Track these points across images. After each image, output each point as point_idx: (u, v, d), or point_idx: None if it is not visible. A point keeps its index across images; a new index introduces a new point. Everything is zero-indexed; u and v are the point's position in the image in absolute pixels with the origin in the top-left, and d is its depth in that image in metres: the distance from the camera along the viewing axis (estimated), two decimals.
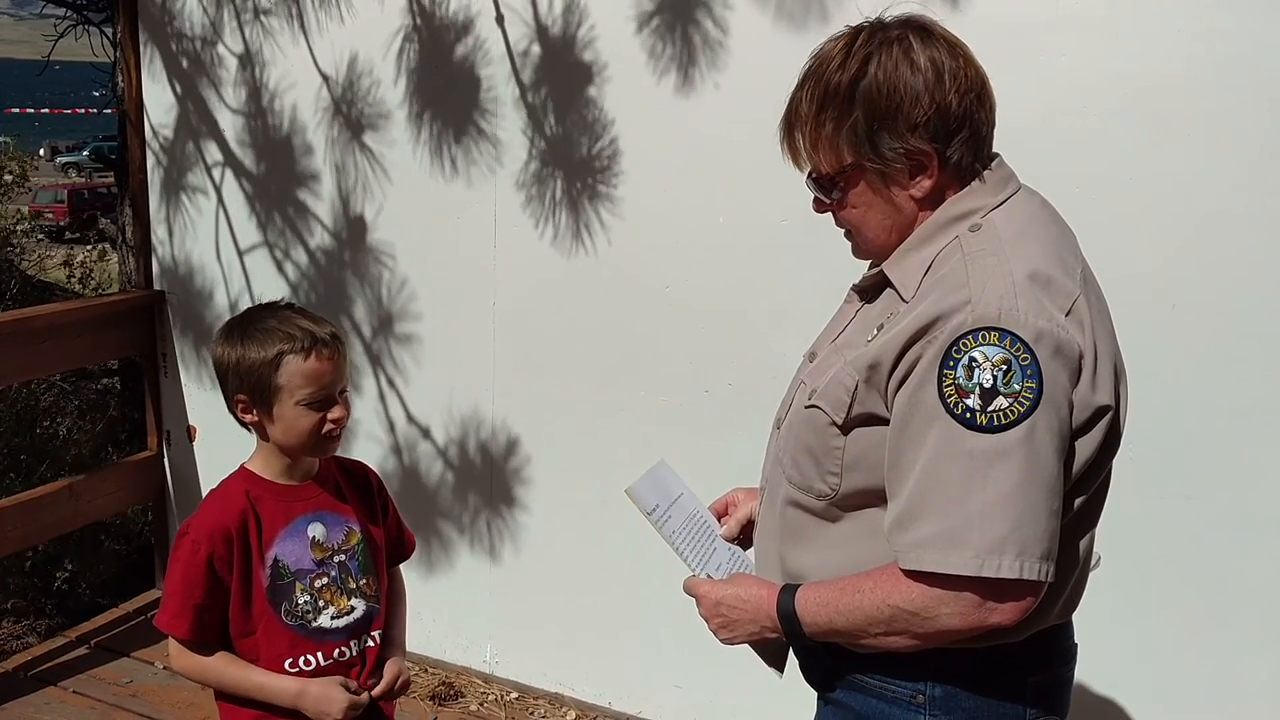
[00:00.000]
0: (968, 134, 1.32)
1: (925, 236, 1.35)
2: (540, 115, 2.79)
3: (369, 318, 3.16)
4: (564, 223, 2.81)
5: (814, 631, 1.36)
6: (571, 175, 2.79)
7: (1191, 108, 2.16)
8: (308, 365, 1.67)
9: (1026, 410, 1.19)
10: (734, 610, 1.43)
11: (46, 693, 3.07)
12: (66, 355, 3.53)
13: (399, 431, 3.19)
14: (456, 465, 3.12)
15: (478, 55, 2.84)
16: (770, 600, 1.39)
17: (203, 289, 3.45)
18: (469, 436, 3.08)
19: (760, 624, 1.41)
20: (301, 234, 3.24)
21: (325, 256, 3.21)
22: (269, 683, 1.71)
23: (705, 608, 1.47)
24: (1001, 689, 1.36)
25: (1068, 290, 1.26)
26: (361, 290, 3.16)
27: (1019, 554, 1.19)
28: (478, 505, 3.11)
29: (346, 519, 1.80)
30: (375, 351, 3.17)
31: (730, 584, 1.47)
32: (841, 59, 1.32)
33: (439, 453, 3.14)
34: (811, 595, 1.36)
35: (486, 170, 2.90)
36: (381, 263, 3.11)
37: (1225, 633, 2.30)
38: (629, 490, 1.57)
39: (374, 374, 3.19)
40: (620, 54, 2.66)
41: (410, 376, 3.14)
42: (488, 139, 2.88)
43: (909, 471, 1.25)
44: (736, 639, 1.46)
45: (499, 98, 2.84)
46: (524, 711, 3.07)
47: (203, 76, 3.29)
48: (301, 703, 1.70)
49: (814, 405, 1.37)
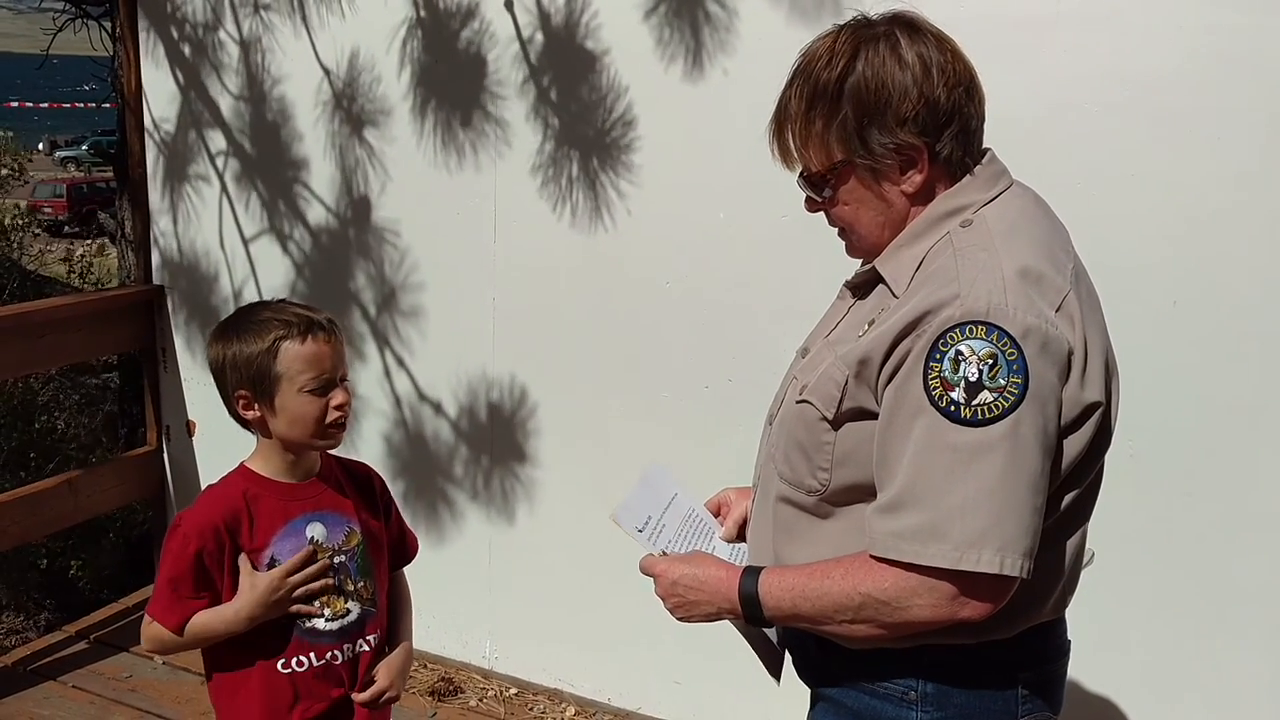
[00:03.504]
0: (957, 128, 1.32)
1: (917, 233, 1.35)
2: (549, 100, 2.78)
3: (374, 298, 3.14)
4: (580, 202, 2.79)
5: (776, 616, 1.36)
6: (586, 153, 2.76)
7: (1194, 104, 2.15)
8: (306, 349, 1.64)
9: (1011, 405, 1.18)
10: (690, 591, 1.42)
11: (46, 687, 3.07)
12: (66, 350, 3.53)
13: (404, 406, 3.19)
14: (456, 464, 3.12)
15: (484, 39, 2.84)
16: (730, 582, 1.38)
17: (206, 278, 3.44)
18: (468, 436, 3.08)
19: (718, 605, 1.40)
20: (305, 219, 3.22)
21: (329, 241, 3.20)
22: (211, 619, 1.65)
23: (661, 587, 1.45)
24: (993, 685, 1.36)
25: (1058, 286, 1.26)
26: (366, 269, 3.14)
27: (999, 549, 1.19)
28: (478, 504, 3.11)
29: (347, 519, 1.77)
30: (380, 328, 3.16)
31: (688, 562, 1.45)
32: (829, 56, 1.33)
33: (436, 451, 3.14)
34: (776, 579, 1.35)
35: (494, 154, 2.88)
36: (386, 241, 3.09)
37: (1225, 631, 2.30)
38: (613, 517, 1.52)
39: (379, 351, 3.17)
40: (627, 40, 2.66)
41: (413, 353, 3.13)
42: (494, 122, 2.87)
43: (894, 465, 1.25)
44: (693, 619, 1.44)
45: (504, 80, 2.83)
46: (523, 707, 3.07)
47: (205, 63, 3.28)
48: (252, 610, 1.64)
49: (805, 400, 1.37)
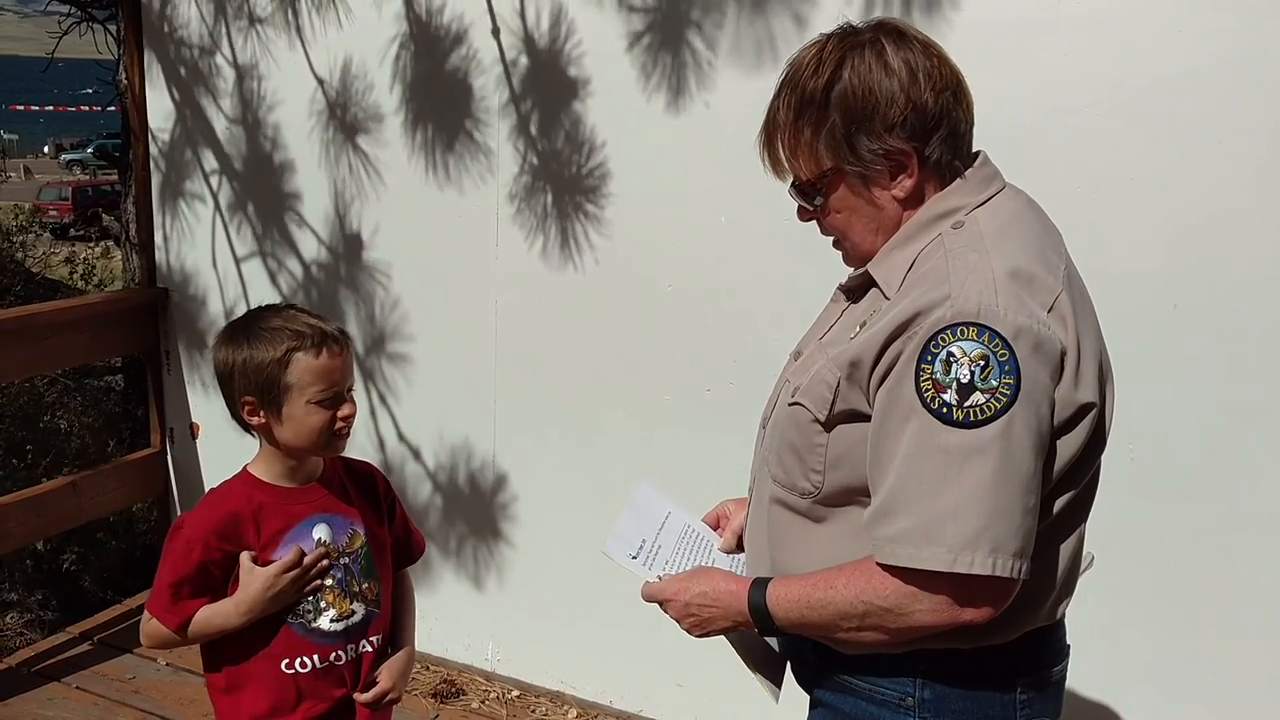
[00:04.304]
0: (945, 132, 1.33)
1: (909, 235, 1.35)
2: (530, 129, 2.80)
3: (364, 332, 3.17)
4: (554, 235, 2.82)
5: (786, 625, 1.37)
6: (560, 190, 2.79)
7: (1193, 107, 2.15)
8: (318, 362, 1.64)
9: (1003, 407, 1.18)
10: (704, 609, 1.43)
11: (50, 688, 3.07)
12: (70, 352, 3.53)
13: (399, 427, 3.20)
14: (459, 463, 3.13)
15: (471, 65, 2.85)
16: (740, 596, 1.39)
17: (210, 281, 3.45)
18: (472, 432, 3.09)
19: (732, 618, 1.42)
20: (296, 241, 3.24)
21: (319, 264, 3.22)
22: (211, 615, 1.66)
23: (674, 610, 1.46)
24: (991, 690, 1.36)
25: (1050, 287, 1.26)
26: (356, 290, 3.16)
27: (992, 551, 1.19)
28: (480, 504, 3.11)
29: (351, 521, 1.77)
30: (370, 367, 3.18)
31: (695, 579, 1.46)
32: (815, 65, 1.33)
33: (441, 448, 3.15)
34: (783, 590, 1.36)
35: (478, 179, 2.90)
36: (376, 276, 3.13)
37: (1224, 633, 2.30)
38: (604, 551, 1.52)
39: (367, 386, 3.20)
40: (609, 71, 2.68)
41: (408, 374, 3.15)
42: (481, 150, 2.88)
43: (887, 466, 1.25)
44: (710, 634, 1.46)
45: (491, 108, 2.85)
46: (525, 709, 3.07)
47: (201, 84, 3.30)
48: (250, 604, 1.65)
49: (797, 403, 1.37)
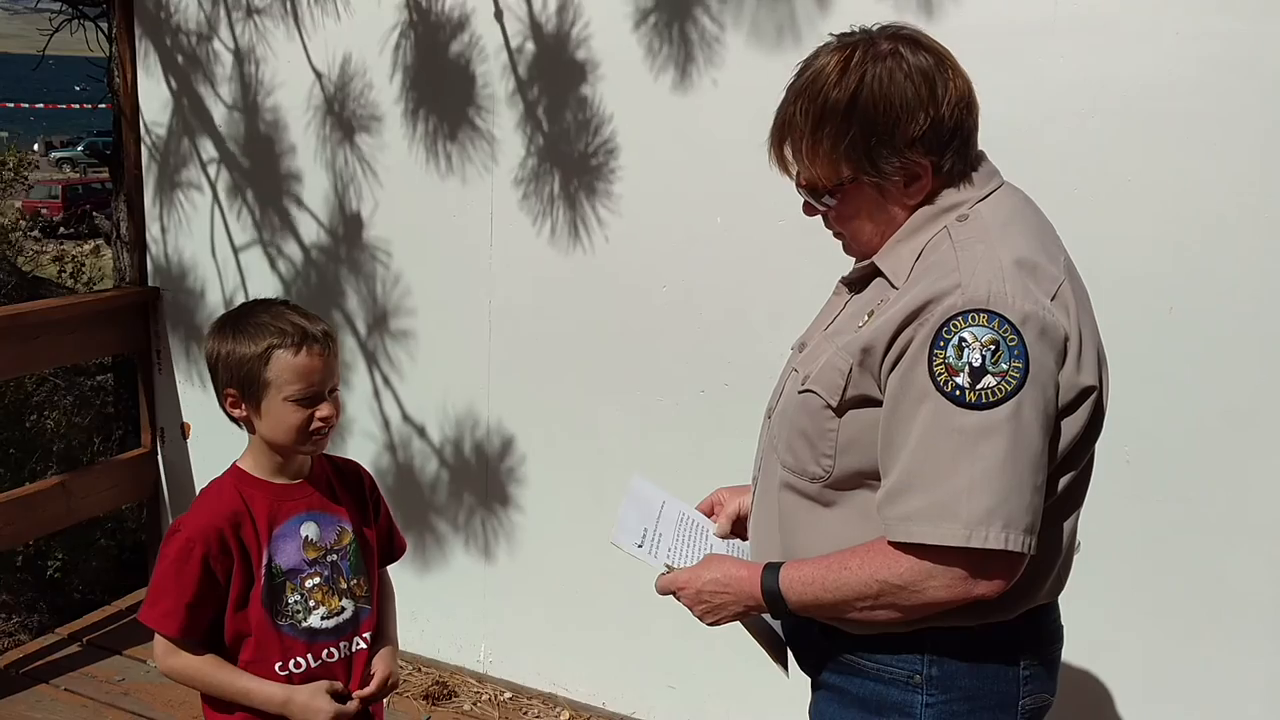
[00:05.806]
0: (959, 143, 1.37)
1: (915, 227, 1.39)
2: (537, 112, 2.78)
3: (363, 314, 3.15)
4: (561, 220, 2.80)
5: (799, 608, 1.40)
6: (569, 172, 2.77)
7: (1191, 110, 2.15)
8: (297, 361, 1.65)
9: (1013, 389, 1.23)
10: (716, 595, 1.45)
11: (38, 690, 3.05)
12: (60, 352, 3.51)
13: (393, 429, 3.18)
14: (451, 464, 3.11)
15: (473, 52, 2.83)
16: (753, 581, 1.42)
17: (196, 286, 3.43)
18: (464, 435, 3.07)
19: (744, 604, 1.44)
20: (296, 230, 3.22)
21: (320, 252, 3.19)
22: (255, 688, 1.68)
23: (687, 597, 1.49)
24: (996, 667, 1.40)
25: (1052, 276, 1.31)
26: (356, 286, 3.14)
27: (1005, 526, 1.23)
28: (472, 504, 3.10)
29: (339, 519, 1.78)
30: (370, 348, 3.16)
31: (707, 568, 1.48)
32: (838, 75, 1.35)
33: (434, 451, 3.13)
34: (796, 573, 1.39)
35: (482, 168, 2.89)
36: (377, 259, 3.10)
37: (1220, 635, 2.30)
38: (613, 541, 1.55)
39: (368, 371, 3.17)
40: (617, 51, 2.65)
41: (405, 373, 3.13)
42: (483, 136, 2.87)
43: (900, 448, 1.29)
44: (721, 621, 1.48)
45: (495, 94, 2.83)
46: (517, 711, 3.06)
47: (198, 72, 3.28)
48: (288, 710, 1.68)
49: (808, 390, 1.40)
